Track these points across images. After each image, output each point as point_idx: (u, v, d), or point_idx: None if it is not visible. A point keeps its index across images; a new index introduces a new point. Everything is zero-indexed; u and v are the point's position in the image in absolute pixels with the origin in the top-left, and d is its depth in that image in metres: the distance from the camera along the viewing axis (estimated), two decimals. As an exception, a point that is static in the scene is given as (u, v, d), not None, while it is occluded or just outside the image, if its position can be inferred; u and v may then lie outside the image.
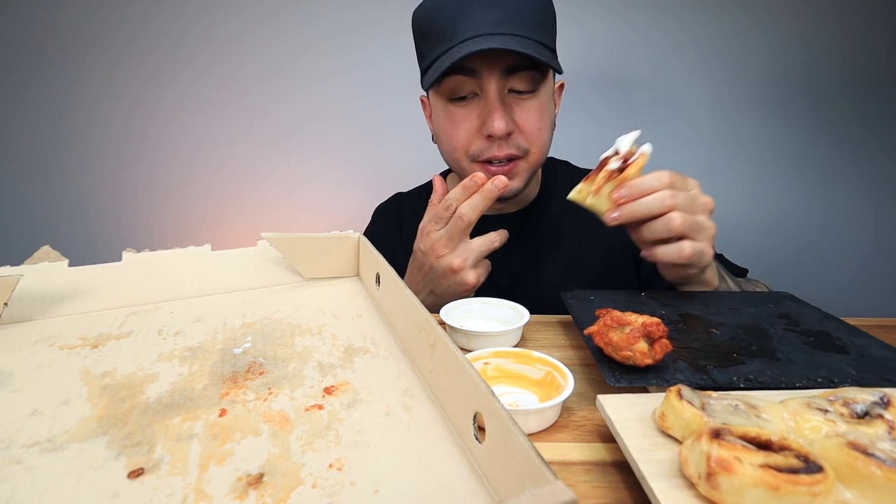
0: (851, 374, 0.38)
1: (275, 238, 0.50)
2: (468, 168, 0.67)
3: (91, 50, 1.18)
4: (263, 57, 1.19)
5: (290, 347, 0.39)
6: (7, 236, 1.26)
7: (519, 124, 0.64)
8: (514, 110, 0.63)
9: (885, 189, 1.19)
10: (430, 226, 0.57)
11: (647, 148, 0.50)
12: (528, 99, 0.64)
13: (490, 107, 0.62)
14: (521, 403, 0.37)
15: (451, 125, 0.66)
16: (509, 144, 0.63)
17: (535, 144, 0.65)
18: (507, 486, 0.23)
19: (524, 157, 0.65)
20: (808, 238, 1.22)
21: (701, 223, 0.50)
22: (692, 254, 0.49)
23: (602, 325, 0.39)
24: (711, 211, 0.51)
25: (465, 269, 0.56)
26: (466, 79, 0.62)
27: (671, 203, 0.48)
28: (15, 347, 0.39)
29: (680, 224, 0.48)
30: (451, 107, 0.65)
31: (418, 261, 0.60)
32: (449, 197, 0.55)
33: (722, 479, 0.23)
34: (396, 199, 0.88)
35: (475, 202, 0.54)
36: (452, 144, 0.66)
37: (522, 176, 0.67)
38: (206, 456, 0.26)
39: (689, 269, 0.53)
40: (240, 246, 0.53)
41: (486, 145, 0.64)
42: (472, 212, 0.54)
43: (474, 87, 0.63)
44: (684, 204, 0.49)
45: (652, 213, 0.49)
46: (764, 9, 1.12)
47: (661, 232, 0.49)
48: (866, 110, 1.16)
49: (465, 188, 0.54)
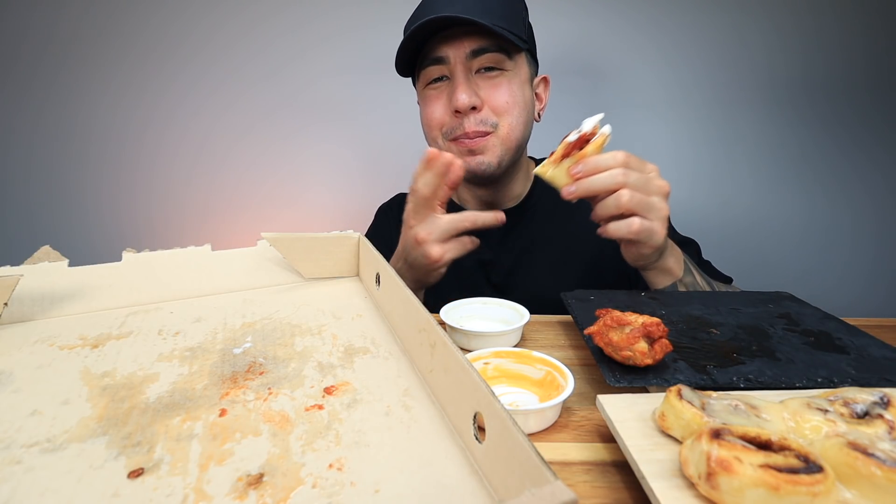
0: (851, 374, 0.38)
1: (275, 238, 0.50)
2: (444, 147, 0.71)
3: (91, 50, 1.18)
4: (264, 57, 1.19)
5: (290, 347, 0.39)
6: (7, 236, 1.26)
7: (486, 99, 0.67)
8: (481, 86, 0.67)
9: (885, 189, 1.19)
10: (408, 198, 0.60)
11: (606, 129, 0.52)
12: (496, 76, 0.67)
13: (455, 82, 0.66)
14: (521, 403, 0.37)
15: (426, 108, 0.71)
16: (476, 121, 0.67)
17: (503, 117, 0.68)
18: (507, 486, 0.23)
19: (493, 132, 0.68)
20: (808, 238, 1.22)
21: (652, 203, 0.51)
22: (640, 230, 0.51)
23: (602, 325, 0.39)
24: (667, 195, 0.53)
25: (429, 242, 0.57)
26: (437, 66, 0.67)
27: (622, 181, 0.50)
28: (15, 347, 0.39)
29: (627, 201, 0.50)
30: (426, 91, 0.70)
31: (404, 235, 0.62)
32: (414, 172, 0.58)
33: (722, 479, 0.23)
34: (398, 198, 0.89)
35: (426, 178, 0.56)
36: (430, 125, 0.71)
37: (494, 151, 0.69)
38: (206, 456, 0.26)
39: (642, 249, 0.54)
40: (240, 246, 0.53)
41: (456, 122, 0.68)
42: (424, 187, 0.56)
43: (445, 72, 0.68)
44: (636, 183, 0.50)
45: (605, 188, 0.50)
46: (764, 9, 1.12)
47: (611, 208, 0.51)
48: (866, 110, 1.16)
49: (421, 163, 0.57)
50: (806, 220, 1.22)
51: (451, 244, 0.58)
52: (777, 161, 1.19)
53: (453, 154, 0.68)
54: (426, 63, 0.68)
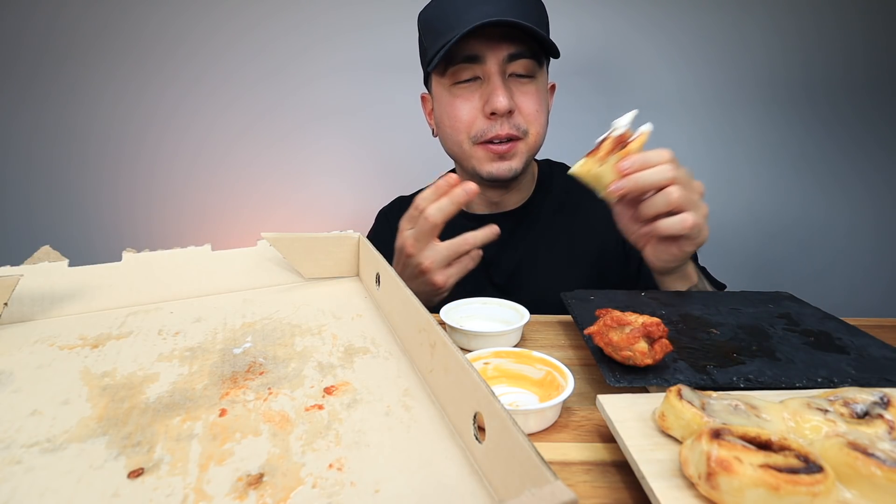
0: (851, 374, 0.38)
1: (275, 238, 0.50)
2: (469, 151, 0.69)
3: (91, 50, 1.18)
4: (264, 56, 1.19)
5: (290, 347, 0.39)
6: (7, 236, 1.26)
7: (519, 105, 0.67)
8: (514, 93, 0.67)
9: (884, 189, 1.19)
10: (404, 224, 0.58)
11: (647, 126, 0.51)
12: (527, 83, 0.68)
13: (493, 85, 0.65)
14: (521, 403, 0.37)
15: (453, 108, 0.68)
16: (510, 124, 0.66)
17: (533, 125, 0.68)
18: (507, 486, 0.23)
19: (523, 139, 0.68)
20: (808, 238, 1.22)
21: (696, 201, 0.51)
22: (693, 225, 0.50)
23: (602, 325, 0.39)
24: (702, 195, 0.53)
25: (433, 271, 0.56)
26: (470, 66, 0.66)
27: (673, 175, 0.49)
28: (15, 347, 0.39)
29: (678, 197, 0.49)
30: (455, 89, 0.68)
31: (395, 258, 0.61)
32: (420, 196, 0.56)
33: (722, 479, 0.23)
34: (398, 202, 0.88)
35: (442, 204, 0.54)
36: (455, 126, 0.69)
37: (521, 157, 0.69)
38: (206, 456, 0.26)
39: (685, 247, 0.53)
40: (240, 246, 0.53)
41: (488, 125, 0.67)
42: (437, 213, 0.54)
43: (477, 73, 0.67)
44: (684, 180, 0.50)
45: (655, 184, 0.50)
46: (764, 8, 1.12)
47: (661, 205, 0.50)
48: (866, 110, 1.16)
49: (436, 188, 0.55)
50: (806, 219, 1.22)
51: (454, 268, 0.58)
52: (777, 161, 1.19)
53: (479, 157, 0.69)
54: (458, 61, 0.66)
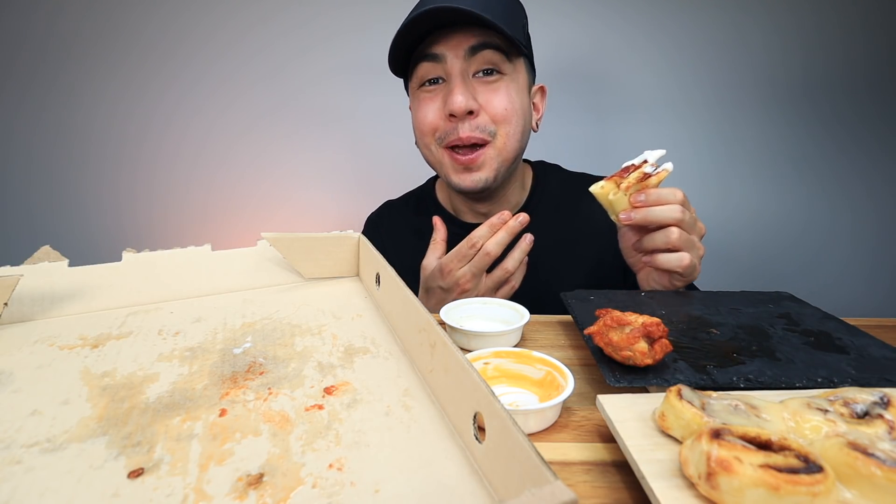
0: (851, 374, 0.38)
1: (275, 238, 0.50)
2: (438, 156, 0.68)
3: (91, 50, 1.18)
4: (263, 57, 1.19)
5: (290, 347, 0.39)
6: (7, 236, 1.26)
7: (483, 105, 0.64)
8: (479, 91, 0.64)
9: (885, 189, 1.19)
10: (453, 264, 0.58)
11: (669, 166, 0.55)
12: (495, 80, 0.65)
13: (451, 83, 0.63)
14: (521, 403, 0.37)
15: (418, 110, 0.68)
16: (472, 126, 0.64)
17: (502, 126, 0.65)
18: (507, 486, 0.23)
19: (491, 142, 0.65)
20: (808, 238, 1.22)
21: (695, 242, 0.55)
22: (688, 265, 0.54)
23: (602, 325, 0.39)
24: (702, 236, 0.57)
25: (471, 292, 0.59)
26: (432, 65, 0.64)
27: (679, 217, 0.53)
28: (15, 347, 0.39)
29: (677, 238, 0.53)
30: (420, 92, 0.67)
31: (437, 297, 0.61)
32: (474, 235, 0.57)
33: (722, 479, 0.23)
34: (386, 207, 0.87)
35: (500, 238, 0.56)
36: (421, 128, 0.68)
37: (490, 165, 0.66)
38: (206, 456, 0.26)
39: (676, 281, 0.57)
40: (240, 246, 0.53)
41: (450, 127, 0.65)
42: (497, 248, 0.57)
43: (440, 73, 0.65)
44: (688, 223, 0.54)
45: (662, 221, 0.53)
46: (764, 8, 1.12)
47: (661, 242, 0.54)
48: (866, 110, 1.16)
49: (491, 226, 0.57)
50: (806, 219, 1.22)
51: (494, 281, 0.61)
52: (777, 161, 1.19)
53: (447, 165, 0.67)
54: (420, 59, 0.64)
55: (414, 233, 0.76)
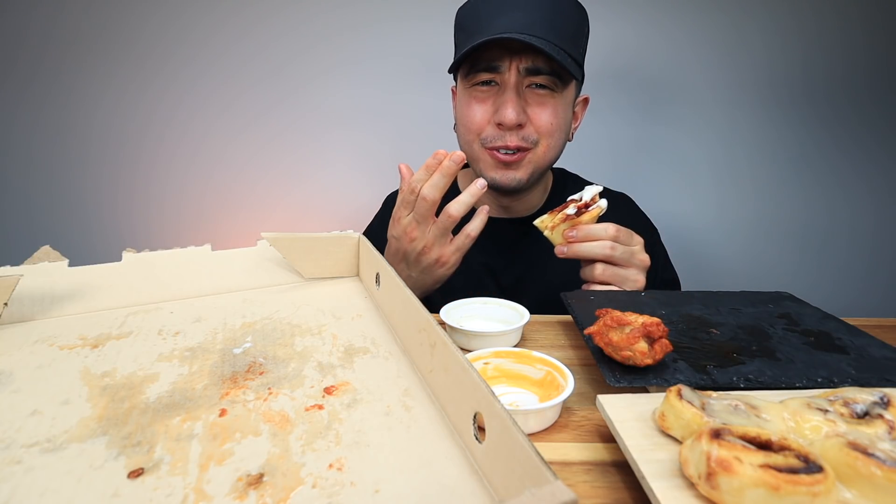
0: (851, 374, 0.38)
1: (275, 238, 0.50)
2: (478, 153, 0.70)
3: (91, 50, 1.17)
4: (264, 56, 1.19)
5: (290, 347, 0.39)
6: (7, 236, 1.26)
7: (531, 117, 0.67)
8: (529, 102, 0.67)
9: (885, 189, 1.19)
10: (400, 212, 0.58)
11: (603, 203, 0.59)
12: (545, 96, 0.67)
13: (505, 96, 0.65)
14: (521, 403, 0.37)
15: (468, 109, 0.69)
16: (518, 136, 0.66)
17: (544, 138, 0.68)
18: (507, 486, 0.23)
19: (532, 150, 0.68)
20: (808, 237, 1.22)
21: (627, 276, 0.58)
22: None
23: (602, 325, 0.39)
24: (646, 268, 0.59)
25: (432, 247, 0.58)
26: (489, 73, 0.67)
27: (607, 253, 0.56)
28: (15, 347, 0.39)
29: (600, 273, 0.57)
30: (473, 91, 0.69)
31: (393, 248, 0.61)
32: (413, 179, 0.56)
33: (722, 479, 0.23)
34: None
35: (435, 180, 0.55)
36: (467, 127, 0.70)
37: (527, 168, 0.69)
38: (206, 456, 0.26)
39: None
40: (240, 246, 0.53)
41: (496, 133, 0.67)
42: (433, 190, 0.55)
43: (496, 78, 0.67)
44: (620, 257, 0.57)
45: (591, 257, 0.57)
46: (764, 9, 1.12)
47: (588, 276, 0.59)
48: (866, 110, 1.16)
49: (426, 167, 0.56)
50: (806, 219, 1.22)
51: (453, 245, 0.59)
52: (777, 161, 1.19)
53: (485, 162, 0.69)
54: (479, 68, 0.67)
55: None
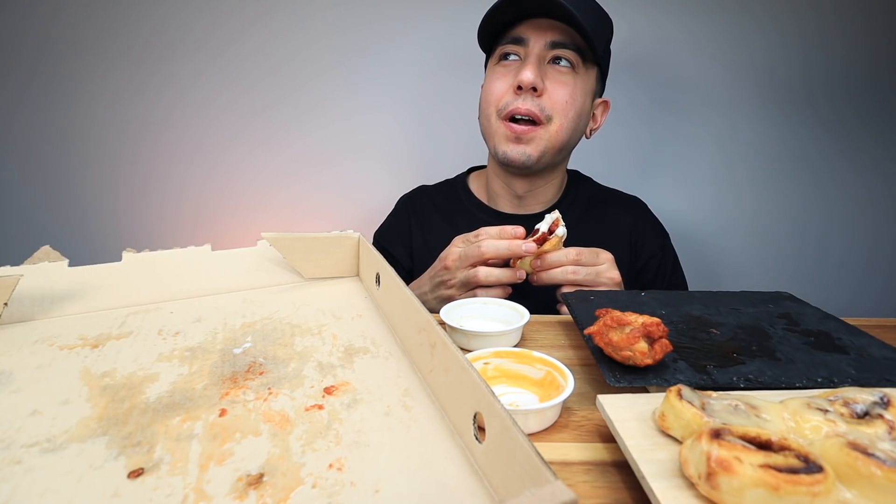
0: (851, 374, 0.38)
1: (275, 238, 0.50)
2: (494, 126, 0.72)
3: (90, 50, 1.17)
4: (263, 54, 1.19)
5: (290, 347, 0.39)
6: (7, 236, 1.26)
7: (549, 89, 0.68)
8: (549, 75, 0.69)
9: (885, 189, 1.19)
10: (457, 240, 0.62)
11: (561, 231, 0.60)
12: (566, 72, 0.69)
13: (526, 61, 0.68)
14: (521, 403, 0.37)
15: (490, 84, 0.72)
16: (534, 103, 0.68)
17: (558, 115, 0.69)
18: (507, 486, 0.23)
19: (544, 125, 0.69)
20: (808, 237, 1.22)
21: None
22: None
23: (602, 325, 0.39)
24: (618, 284, 0.60)
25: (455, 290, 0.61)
26: (514, 46, 0.69)
27: (570, 278, 0.58)
28: (15, 347, 0.39)
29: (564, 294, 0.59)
30: (497, 66, 0.72)
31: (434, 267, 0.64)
32: (486, 228, 0.60)
33: (722, 479, 0.23)
34: (419, 191, 0.90)
35: (499, 245, 0.58)
36: (488, 99, 0.72)
37: (538, 145, 0.70)
38: (206, 456, 0.26)
39: None
40: (240, 246, 0.53)
41: (512, 97, 0.69)
42: (490, 249, 0.57)
43: (520, 52, 0.70)
44: (585, 279, 0.59)
45: (556, 283, 0.59)
46: (764, 9, 1.12)
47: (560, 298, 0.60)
48: (867, 110, 1.16)
49: (502, 231, 0.59)
50: (806, 219, 1.22)
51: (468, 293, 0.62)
52: (776, 161, 1.19)
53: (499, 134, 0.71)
54: (505, 41, 0.70)
55: (442, 216, 0.82)
